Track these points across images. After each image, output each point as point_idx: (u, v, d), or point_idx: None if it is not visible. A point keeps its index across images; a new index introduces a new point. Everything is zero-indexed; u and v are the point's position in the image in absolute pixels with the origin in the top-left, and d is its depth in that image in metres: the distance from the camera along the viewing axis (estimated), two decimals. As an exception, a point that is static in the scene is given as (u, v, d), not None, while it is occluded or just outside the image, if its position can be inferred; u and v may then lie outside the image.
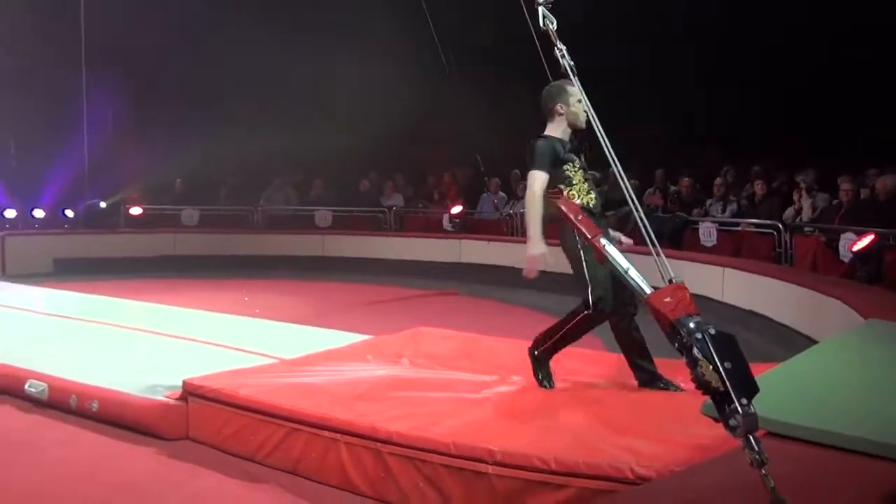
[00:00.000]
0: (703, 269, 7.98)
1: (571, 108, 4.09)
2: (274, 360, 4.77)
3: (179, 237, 12.35)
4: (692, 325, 1.92)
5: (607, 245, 2.16)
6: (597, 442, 3.15)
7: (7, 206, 12.48)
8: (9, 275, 10.65)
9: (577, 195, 4.06)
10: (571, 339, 4.09)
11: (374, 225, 12.54)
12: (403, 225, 12.44)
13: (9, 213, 12.39)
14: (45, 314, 6.87)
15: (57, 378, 4.60)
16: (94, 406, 4.32)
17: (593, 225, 2.22)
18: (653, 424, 3.34)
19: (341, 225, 12.55)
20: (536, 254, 3.96)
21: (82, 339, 5.81)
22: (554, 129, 4.16)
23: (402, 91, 11.61)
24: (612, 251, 2.16)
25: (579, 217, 2.21)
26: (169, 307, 7.16)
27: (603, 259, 2.18)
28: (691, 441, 3.02)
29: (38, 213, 12.52)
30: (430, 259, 11.14)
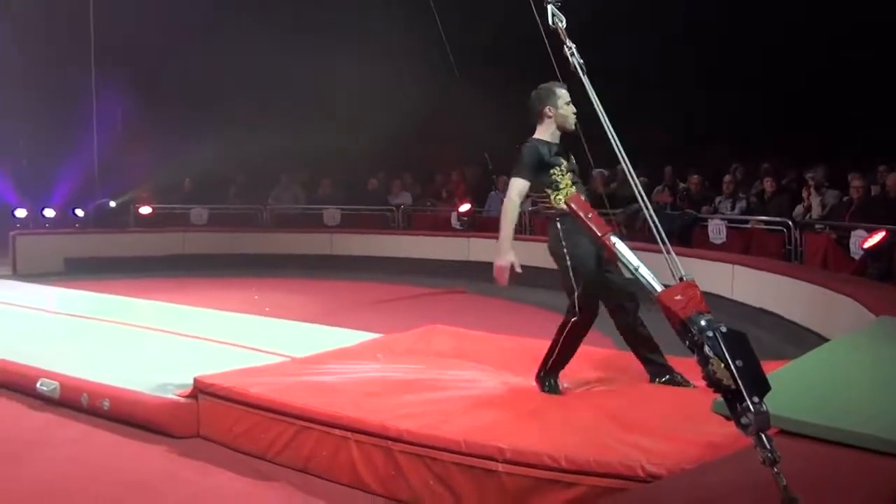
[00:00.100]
0: (713, 266, 7.96)
1: (560, 110, 4.11)
2: (284, 359, 4.78)
3: (189, 236, 12.40)
4: (703, 322, 1.92)
5: (618, 243, 2.16)
6: (607, 440, 3.15)
7: (18, 206, 12.57)
8: (20, 274, 10.72)
9: (562, 200, 4.00)
10: (571, 351, 4.06)
11: (382, 223, 12.56)
12: (412, 223, 12.45)
13: (19, 213, 12.46)
14: (56, 313, 6.91)
15: (68, 377, 4.63)
16: (106, 404, 4.35)
17: (603, 223, 2.22)
18: (663, 422, 3.33)
19: (349, 223, 12.57)
20: (505, 263, 3.92)
21: (93, 338, 5.84)
22: (543, 132, 4.16)
23: (410, 90, 11.62)
24: (623, 249, 2.16)
25: (589, 215, 2.21)
26: (179, 306, 7.19)
27: (613, 257, 2.17)
28: (702, 439, 3.01)
29: (49, 213, 12.59)
30: (438, 257, 11.15)
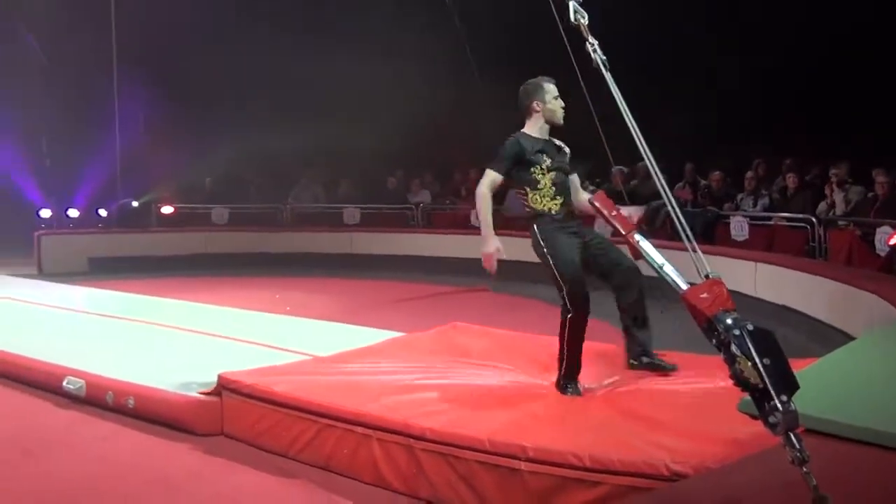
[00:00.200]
0: (735, 263, 7.88)
1: (548, 105, 4.11)
2: (306, 357, 4.80)
3: (210, 236, 12.50)
4: (729, 321, 1.90)
5: (641, 241, 2.14)
6: (631, 439, 3.13)
7: (42, 206, 12.74)
8: (45, 273, 10.87)
9: (539, 200, 4.06)
10: (578, 350, 4.03)
11: (402, 222, 12.57)
12: (431, 222, 12.45)
13: (44, 213, 12.63)
14: (81, 312, 6.98)
15: (94, 375, 4.69)
16: (131, 402, 4.39)
17: (627, 221, 2.20)
18: (687, 421, 3.31)
19: (369, 222, 12.61)
20: (491, 250, 4.04)
21: (118, 337, 5.90)
22: (531, 127, 4.16)
23: (428, 88, 11.61)
24: (647, 247, 2.14)
25: (613, 213, 2.19)
26: (202, 305, 7.24)
27: (638, 255, 2.16)
28: (727, 438, 2.99)
29: (73, 213, 12.75)
30: (458, 255, 11.13)
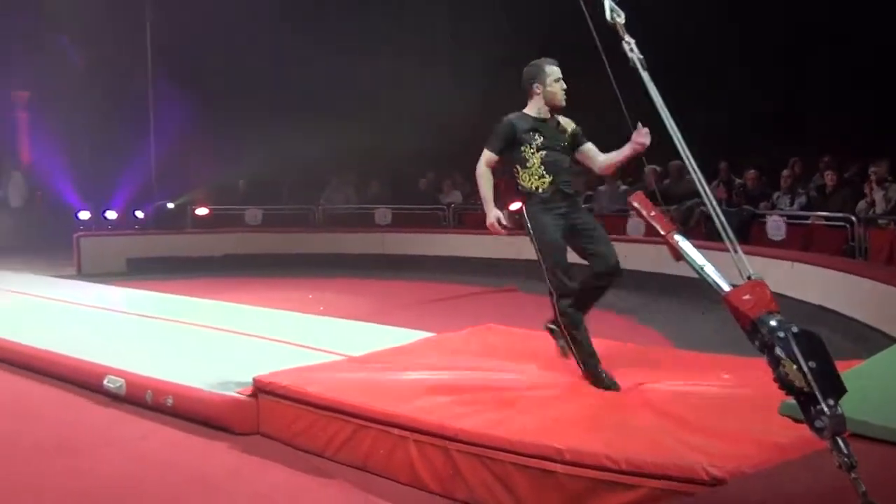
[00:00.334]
0: (772, 263, 7.75)
1: (548, 87, 4.17)
2: (340, 357, 4.83)
3: (244, 236, 12.65)
4: (773, 323, 1.86)
5: (681, 241, 2.11)
6: (667, 441, 3.10)
7: (81, 208, 13.00)
8: (84, 274, 11.09)
9: (528, 179, 4.16)
10: (579, 333, 4.12)
11: (433, 222, 12.59)
12: (462, 222, 12.45)
13: (83, 215, 12.89)
14: (119, 312, 7.11)
15: (134, 374, 4.77)
16: (169, 401, 4.46)
17: (667, 221, 2.18)
18: (724, 423, 3.26)
19: (400, 223, 12.64)
20: (493, 219, 4.29)
21: (155, 336, 5.99)
22: (530, 108, 4.25)
23: (459, 89, 11.61)
24: (687, 248, 2.12)
25: (652, 213, 2.17)
26: (236, 305, 7.33)
27: (678, 256, 2.13)
28: (766, 441, 2.94)
29: (111, 215, 13.00)
30: (489, 256, 11.11)
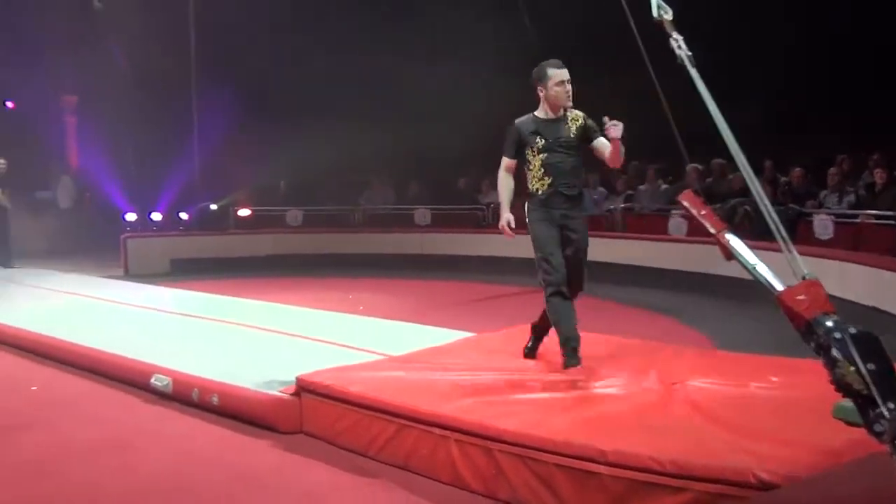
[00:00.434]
0: (819, 263, 7.57)
1: (549, 90, 4.30)
2: (380, 357, 4.86)
3: (285, 237, 12.80)
4: (830, 323, 1.81)
5: (732, 240, 2.07)
6: (714, 443, 3.04)
7: (128, 210, 13.30)
8: (130, 274, 11.34)
9: (531, 180, 4.42)
10: (560, 321, 4.31)
11: (472, 222, 12.58)
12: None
13: (130, 217, 13.18)
14: (166, 312, 7.25)
15: (180, 372, 4.86)
16: (215, 399, 4.53)
17: (717, 219, 2.14)
18: (773, 426, 3.20)
19: (440, 223, 12.67)
20: (503, 223, 4.55)
21: (201, 336, 6.09)
22: (539, 109, 4.42)
23: (498, 90, 11.56)
24: (739, 246, 2.07)
25: (703, 212, 2.13)
26: (278, 305, 7.42)
27: (729, 255, 2.09)
28: (819, 445, 2.87)
29: (156, 217, 13.27)
30: (528, 256, 11.04)
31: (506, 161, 4.50)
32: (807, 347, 1.98)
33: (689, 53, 2.37)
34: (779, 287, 1.97)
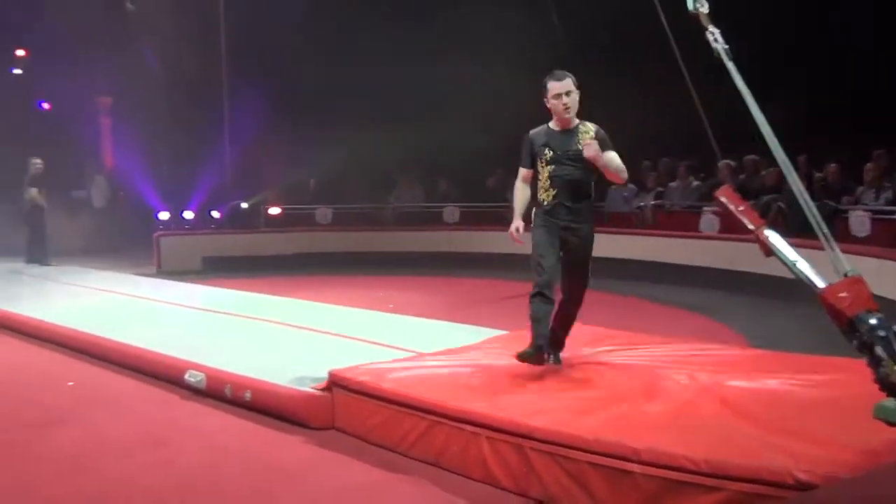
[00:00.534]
0: (856, 261, 7.36)
1: (548, 103, 4.31)
2: (412, 354, 4.87)
3: (314, 235, 12.88)
4: (874, 321, 1.77)
5: (772, 236, 2.04)
6: (749, 442, 3.00)
7: (161, 209, 13.49)
8: (163, 272, 11.50)
9: (539, 190, 4.43)
10: (535, 322, 4.26)
11: (501, 220, 12.54)
12: (530, 219, 12.35)
13: (163, 216, 13.37)
14: (198, 309, 7.33)
15: (214, 369, 4.91)
16: (248, 396, 4.57)
17: (756, 216, 2.11)
18: (810, 425, 3.14)
19: (469, 221, 12.66)
20: (511, 229, 4.56)
21: (232, 332, 6.16)
22: (552, 121, 4.41)
23: (527, 88, 11.50)
24: (778, 242, 2.04)
25: (741, 208, 2.10)
26: (309, 302, 7.47)
27: (768, 252, 2.06)
28: (858, 445, 2.81)
29: (188, 215, 13.43)
30: (558, 253, 11.00)
31: (522, 171, 4.54)
32: (842, 346, 1.94)
33: (727, 46, 2.34)
34: (820, 284, 1.93)
